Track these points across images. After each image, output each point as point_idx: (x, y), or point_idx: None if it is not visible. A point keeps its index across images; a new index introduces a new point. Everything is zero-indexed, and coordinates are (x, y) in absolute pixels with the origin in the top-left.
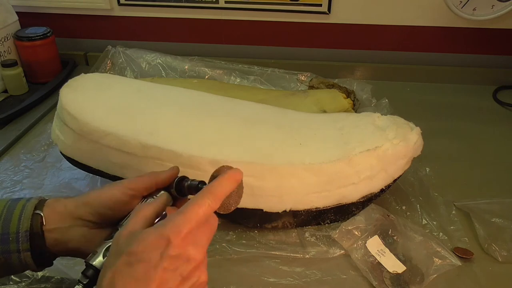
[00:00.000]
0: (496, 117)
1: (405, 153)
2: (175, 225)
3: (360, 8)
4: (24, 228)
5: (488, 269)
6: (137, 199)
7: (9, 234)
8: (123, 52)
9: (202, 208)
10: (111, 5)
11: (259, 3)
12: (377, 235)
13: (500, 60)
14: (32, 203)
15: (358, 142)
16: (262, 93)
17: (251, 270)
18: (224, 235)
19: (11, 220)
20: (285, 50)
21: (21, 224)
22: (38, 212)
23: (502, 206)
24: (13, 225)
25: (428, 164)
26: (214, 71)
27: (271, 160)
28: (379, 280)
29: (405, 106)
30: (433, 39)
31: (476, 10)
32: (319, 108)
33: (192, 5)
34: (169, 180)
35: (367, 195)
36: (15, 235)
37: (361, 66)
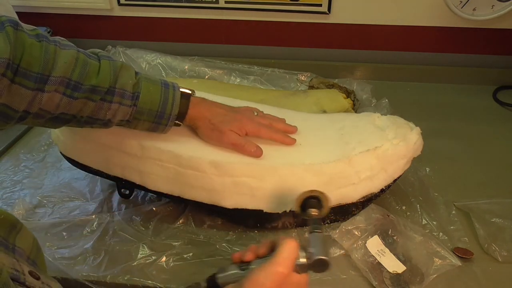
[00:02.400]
0: (496, 117)
1: (405, 153)
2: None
3: (360, 8)
4: (174, 113)
5: (488, 269)
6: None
7: (164, 113)
8: (123, 52)
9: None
10: (111, 5)
11: (259, 3)
12: (377, 235)
13: (500, 60)
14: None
15: (358, 142)
16: (262, 93)
17: None
18: (224, 235)
19: (167, 104)
20: (285, 50)
21: (173, 110)
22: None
23: (502, 206)
24: (168, 109)
25: (428, 164)
26: (214, 71)
27: (271, 160)
28: (379, 280)
29: (405, 106)
30: (433, 39)
31: (476, 10)
32: (319, 108)
33: (192, 5)
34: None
35: (367, 195)
36: (168, 116)
37: (361, 66)
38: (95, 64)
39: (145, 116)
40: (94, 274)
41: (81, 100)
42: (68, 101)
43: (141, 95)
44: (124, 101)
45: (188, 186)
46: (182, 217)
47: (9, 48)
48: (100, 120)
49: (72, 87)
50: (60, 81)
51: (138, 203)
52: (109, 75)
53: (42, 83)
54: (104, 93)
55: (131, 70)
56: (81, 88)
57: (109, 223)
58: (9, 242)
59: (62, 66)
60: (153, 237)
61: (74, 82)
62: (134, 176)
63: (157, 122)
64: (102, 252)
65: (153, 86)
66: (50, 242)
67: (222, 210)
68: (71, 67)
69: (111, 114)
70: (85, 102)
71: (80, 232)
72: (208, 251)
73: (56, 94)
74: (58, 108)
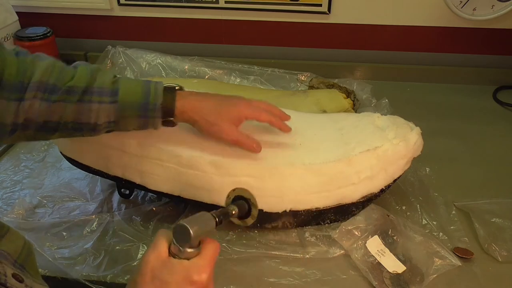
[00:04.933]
0: (496, 117)
1: (405, 153)
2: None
3: (360, 8)
4: (159, 102)
5: (488, 269)
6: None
7: (148, 103)
8: (123, 52)
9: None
10: (111, 5)
11: (259, 3)
12: (377, 235)
13: (500, 60)
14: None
15: (358, 142)
16: (262, 93)
17: (251, 270)
18: (224, 235)
19: (149, 93)
20: (285, 50)
21: (156, 98)
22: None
23: (502, 206)
24: (151, 98)
25: (428, 164)
26: (214, 71)
27: (271, 160)
28: (379, 280)
29: (405, 106)
30: (433, 39)
31: (476, 10)
32: (319, 108)
33: (192, 5)
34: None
35: (367, 195)
36: (153, 105)
37: (361, 66)
38: (71, 69)
39: (129, 111)
40: (94, 274)
41: (59, 103)
42: (47, 105)
43: (121, 90)
44: (103, 98)
45: (188, 185)
46: (182, 217)
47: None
48: (85, 125)
49: (49, 90)
50: (37, 86)
51: (138, 203)
52: (85, 75)
53: (22, 92)
54: (81, 93)
55: (109, 73)
56: (57, 90)
57: (109, 223)
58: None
59: (39, 73)
60: (153, 237)
61: (51, 85)
62: (134, 176)
63: (144, 115)
64: (102, 252)
65: (132, 81)
66: (50, 242)
67: None
68: (47, 72)
69: (94, 116)
70: (63, 105)
71: (80, 232)
72: None
73: (36, 100)
74: (40, 115)
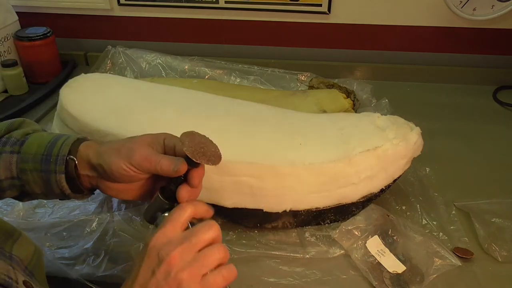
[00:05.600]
0: (496, 117)
1: (405, 153)
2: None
3: (360, 8)
4: (62, 153)
5: (488, 269)
6: (145, 175)
7: (51, 155)
8: (123, 52)
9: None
10: (111, 5)
11: (259, 3)
12: (377, 235)
13: (500, 60)
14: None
15: (358, 142)
16: (262, 93)
17: (251, 270)
18: (224, 235)
19: (55, 145)
20: (285, 50)
21: (61, 150)
22: (71, 157)
23: (502, 206)
24: (56, 149)
25: (428, 164)
26: (214, 71)
27: (271, 160)
28: (379, 280)
29: (405, 106)
30: (433, 39)
31: (476, 10)
32: (319, 108)
33: (192, 5)
34: (167, 173)
35: (367, 195)
36: (55, 157)
37: (361, 66)
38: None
39: (30, 163)
40: (94, 274)
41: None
42: None
43: (28, 140)
44: (5, 148)
45: None
46: None
47: None
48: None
49: None
50: None
51: (138, 203)
52: (4, 126)
53: None
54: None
55: (34, 125)
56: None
57: (109, 223)
58: (5, 250)
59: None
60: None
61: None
62: None
63: (46, 170)
64: (102, 252)
65: (46, 133)
66: (50, 242)
67: (222, 210)
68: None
69: (3, 168)
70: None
71: (80, 232)
72: None
73: None
74: None
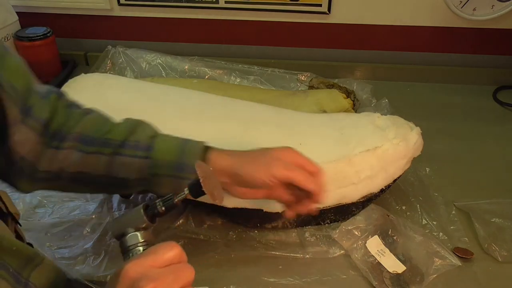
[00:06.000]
0: (496, 117)
1: (405, 153)
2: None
3: (360, 8)
4: (193, 163)
5: (488, 269)
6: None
7: (184, 164)
8: (123, 52)
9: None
10: (111, 5)
11: (259, 3)
12: (377, 235)
13: (500, 60)
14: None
15: (358, 142)
16: (262, 93)
17: (251, 270)
18: (224, 235)
19: (185, 153)
20: (285, 50)
21: (192, 159)
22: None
23: (502, 206)
24: (187, 159)
25: (428, 164)
26: (214, 71)
27: None
28: (379, 280)
29: (405, 106)
30: (433, 39)
31: (476, 10)
32: (319, 108)
33: (192, 5)
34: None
35: (367, 195)
36: (188, 166)
37: (361, 66)
38: (113, 121)
39: (163, 169)
40: (94, 274)
41: (94, 155)
42: (82, 156)
43: (156, 146)
44: (137, 152)
45: None
46: (182, 217)
47: (47, 112)
48: (117, 180)
49: (86, 142)
50: (76, 137)
51: (138, 203)
52: (125, 129)
53: (60, 141)
54: (116, 147)
55: (149, 127)
56: (94, 141)
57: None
58: (21, 276)
59: (81, 125)
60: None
61: (89, 137)
62: None
63: (179, 176)
64: (102, 252)
65: (170, 137)
66: (50, 242)
67: (222, 210)
68: (89, 124)
69: (126, 171)
70: (97, 157)
71: (80, 232)
72: (208, 251)
73: (72, 150)
74: (74, 165)
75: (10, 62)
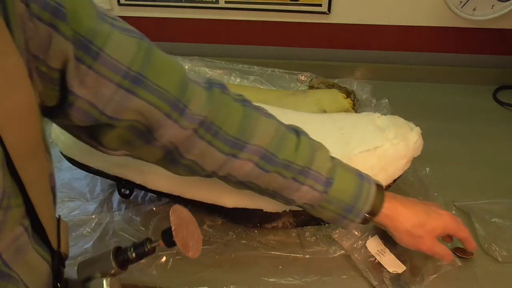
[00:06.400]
0: (496, 117)
1: (405, 153)
2: None
3: (360, 8)
4: (364, 209)
5: (488, 269)
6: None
7: (354, 208)
8: None
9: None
10: (111, 5)
11: (259, 3)
12: (377, 235)
13: (500, 60)
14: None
15: (358, 142)
16: (262, 93)
17: (251, 270)
18: (224, 235)
19: (360, 197)
20: (285, 50)
21: (365, 205)
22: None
23: (502, 206)
24: (360, 204)
25: (428, 164)
26: (214, 71)
27: None
28: (379, 280)
29: (405, 106)
30: (433, 39)
31: (476, 10)
32: (319, 108)
33: (192, 5)
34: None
35: None
36: (358, 211)
37: (361, 66)
38: (293, 138)
39: (334, 206)
40: None
41: (272, 174)
42: (259, 172)
43: (335, 183)
44: (316, 185)
45: (188, 185)
46: None
47: (208, 108)
48: (283, 198)
49: (267, 159)
50: (256, 150)
51: (138, 203)
52: (306, 153)
53: (238, 149)
54: (297, 172)
55: (327, 153)
56: (275, 161)
57: (109, 223)
58: None
59: (261, 135)
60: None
61: (270, 154)
62: (134, 176)
63: (344, 216)
64: None
65: (348, 174)
66: None
67: (222, 210)
68: (269, 137)
69: (298, 196)
70: (275, 176)
71: (80, 232)
72: (208, 250)
73: (248, 163)
74: (246, 177)
75: (156, 58)
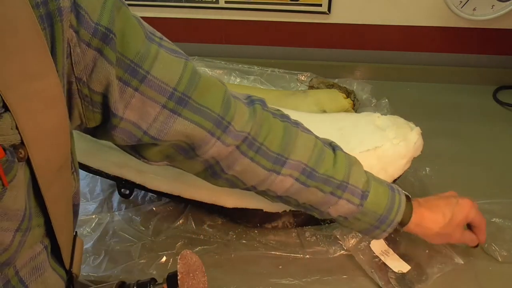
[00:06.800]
0: (496, 117)
1: (405, 153)
2: None
3: (360, 8)
4: (396, 220)
5: (488, 269)
6: None
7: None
8: None
9: None
10: None
11: (259, 3)
12: None
13: (500, 60)
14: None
15: (358, 142)
16: (262, 93)
17: (251, 270)
18: (224, 235)
19: (392, 210)
20: (285, 50)
21: (396, 216)
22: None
23: (502, 206)
24: (392, 215)
25: (428, 164)
26: (214, 71)
27: None
28: (385, 280)
29: (405, 106)
30: (433, 39)
31: (476, 10)
32: (319, 108)
33: (192, 5)
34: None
35: None
36: (390, 222)
37: (361, 66)
38: (330, 153)
39: (368, 218)
40: (94, 274)
41: (312, 189)
42: (299, 188)
43: (370, 196)
44: (353, 199)
45: (188, 185)
46: (182, 217)
47: (251, 124)
48: (318, 211)
49: (307, 174)
50: (296, 165)
51: (138, 203)
52: (344, 168)
53: (279, 165)
54: (335, 187)
55: (361, 167)
56: (315, 176)
57: (109, 223)
58: None
59: (301, 150)
60: (153, 237)
61: (310, 169)
62: (134, 176)
63: (377, 226)
64: (102, 252)
65: (381, 187)
66: None
67: (222, 210)
68: (309, 152)
69: (334, 209)
70: (315, 191)
71: (80, 232)
72: (208, 250)
73: (289, 178)
74: (286, 192)
75: (200, 78)
